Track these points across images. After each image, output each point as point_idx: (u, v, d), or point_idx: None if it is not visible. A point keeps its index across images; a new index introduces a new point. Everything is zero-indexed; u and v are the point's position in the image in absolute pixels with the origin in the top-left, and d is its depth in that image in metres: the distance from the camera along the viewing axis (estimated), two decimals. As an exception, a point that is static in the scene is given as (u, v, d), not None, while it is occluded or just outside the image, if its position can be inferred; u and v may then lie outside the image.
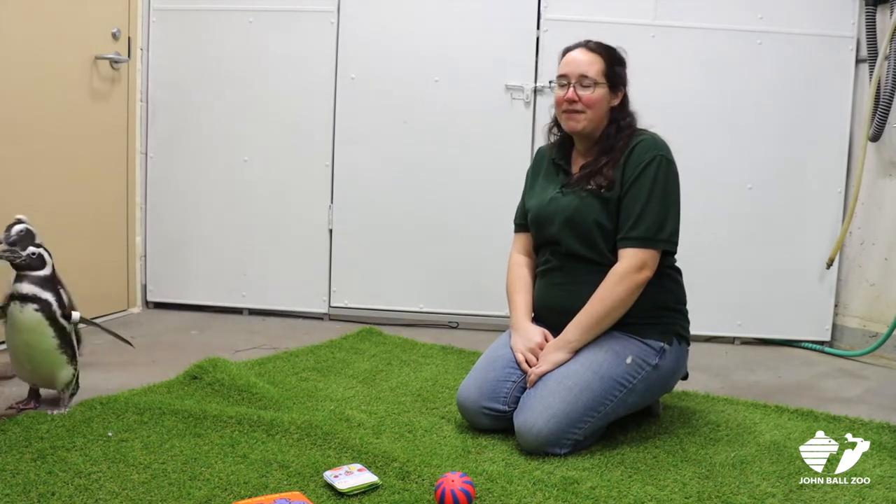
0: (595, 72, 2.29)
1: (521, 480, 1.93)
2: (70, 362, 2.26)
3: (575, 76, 2.30)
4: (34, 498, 1.77)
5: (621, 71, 2.34)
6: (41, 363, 2.23)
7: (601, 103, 2.30)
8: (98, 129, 3.59)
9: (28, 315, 2.16)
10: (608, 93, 2.31)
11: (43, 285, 2.18)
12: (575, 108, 2.31)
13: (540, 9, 3.59)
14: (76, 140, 3.44)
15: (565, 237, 2.30)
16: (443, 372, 2.91)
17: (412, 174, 3.71)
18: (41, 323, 2.17)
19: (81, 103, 3.48)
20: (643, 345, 2.24)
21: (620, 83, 2.34)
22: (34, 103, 3.21)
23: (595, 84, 2.29)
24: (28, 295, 2.16)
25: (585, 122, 2.31)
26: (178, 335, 3.48)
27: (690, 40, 3.55)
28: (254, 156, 3.81)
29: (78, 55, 3.45)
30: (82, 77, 3.47)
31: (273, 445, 2.11)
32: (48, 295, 2.18)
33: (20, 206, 3.14)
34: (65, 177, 3.39)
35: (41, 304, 2.17)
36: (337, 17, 3.70)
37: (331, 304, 3.82)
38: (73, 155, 3.43)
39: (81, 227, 3.52)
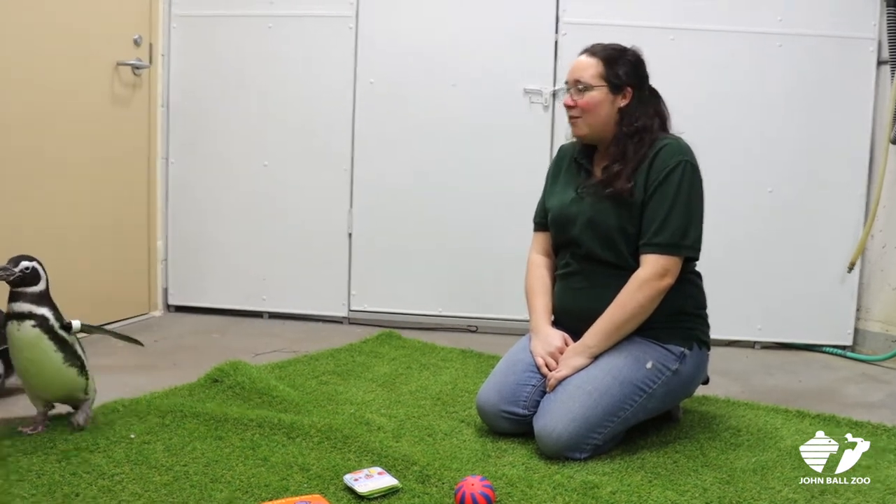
0: (589, 75, 2.28)
1: (541, 485, 1.93)
2: (80, 373, 2.18)
3: (571, 82, 2.32)
4: (59, 498, 1.79)
5: (624, 70, 2.29)
6: (50, 380, 2.15)
7: (598, 107, 2.28)
8: (120, 134, 3.62)
9: (26, 332, 2.08)
10: (608, 94, 2.29)
11: (38, 301, 2.10)
12: (572, 113, 2.32)
13: (558, 12, 3.59)
14: (98, 145, 3.47)
15: (586, 239, 2.30)
16: (462, 376, 2.91)
17: (431, 178, 3.72)
18: (40, 338, 2.09)
19: (103, 109, 3.52)
20: (663, 350, 2.24)
21: (624, 83, 2.30)
22: (58, 108, 3.24)
23: (588, 88, 2.28)
24: (24, 313, 2.08)
25: (586, 128, 2.31)
26: (198, 338, 3.50)
27: (709, 43, 3.53)
28: (273, 160, 3.83)
29: (100, 61, 3.48)
30: (104, 83, 3.51)
31: (293, 448, 2.12)
32: (44, 310, 2.10)
33: (43, 210, 3.18)
34: (87, 181, 3.42)
35: (38, 320, 2.08)
36: (355, 23, 3.71)
37: (350, 307, 3.83)
38: (96, 160, 3.46)
39: (103, 231, 3.55)
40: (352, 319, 3.85)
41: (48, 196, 3.22)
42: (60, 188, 3.28)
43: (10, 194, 3.04)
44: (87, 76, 3.41)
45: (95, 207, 3.48)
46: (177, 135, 3.91)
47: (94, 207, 3.47)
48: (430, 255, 3.75)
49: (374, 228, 3.78)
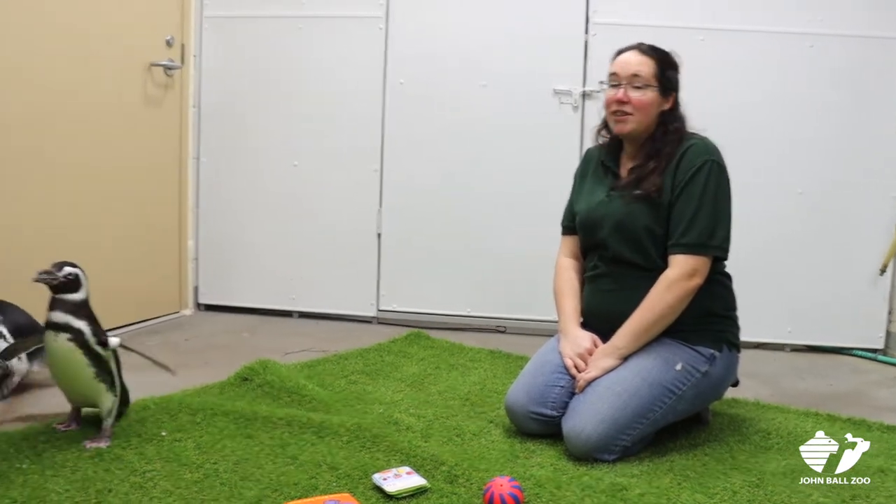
0: (647, 73, 2.27)
1: (570, 486, 1.93)
2: (109, 390, 2.14)
3: (626, 76, 2.28)
4: (92, 494, 1.81)
5: (673, 75, 2.31)
6: (79, 391, 2.15)
7: (651, 106, 2.28)
8: (152, 134, 3.66)
9: (61, 344, 2.07)
10: (659, 96, 2.29)
11: (76, 312, 2.08)
12: (624, 109, 2.29)
13: (588, 13, 3.58)
14: (131, 145, 3.51)
15: (614, 242, 2.30)
16: (491, 376, 2.92)
17: (460, 178, 3.72)
18: (74, 352, 2.07)
19: (136, 109, 3.55)
20: (693, 351, 2.23)
21: (672, 88, 2.31)
22: (92, 108, 3.28)
23: (646, 86, 2.27)
24: (60, 324, 2.06)
25: (634, 125, 2.29)
26: (229, 337, 3.53)
27: (740, 43, 3.51)
28: (303, 160, 3.86)
29: (133, 62, 3.52)
30: (137, 83, 3.55)
31: (322, 447, 2.13)
32: (81, 323, 2.08)
33: (76, 209, 3.22)
34: (120, 181, 3.46)
35: (74, 334, 2.07)
36: (385, 23, 3.73)
37: (379, 307, 3.84)
38: (129, 160, 3.50)
39: (135, 231, 3.58)
40: (381, 319, 3.86)
41: (81, 196, 3.26)
42: (94, 188, 3.32)
43: (45, 194, 3.08)
44: (121, 77, 3.45)
45: (128, 207, 3.52)
46: (208, 135, 3.94)
47: (126, 207, 3.51)
48: (458, 255, 3.75)
49: (404, 228, 3.80)
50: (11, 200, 2.95)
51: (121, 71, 3.45)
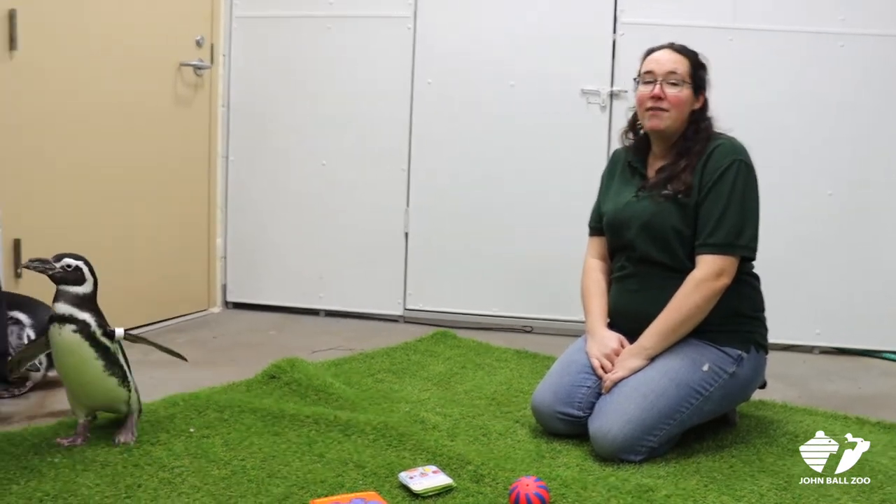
0: (683, 71, 2.28)
1: (596, 486, 1.93)
2: (122, 383, 2.09)
3: (663, 73, 2.28)
4: (122, 489, 1.84)
5: (704, 75, 2.32)
6: (90, 387, 2.08)
7: (685, 104, 2.28)
8: (182, 133, 3.69)
9: (67, 336, 2.00)
10: (692, 95, 2.29)
11: (80, 304, 2.01)
12: (660, 105, 2.28)
13: (616, 13, 3.56)
14: (161, 144, 3.55)
15: (641, 242, 2.29)
16: (517, 376, 2.91)
17: (487, 178, 3.72)
18: (81, 344, 2.01)
19: (167, 109, 3.59)
20: (720, 352, 2.22)
21: (703, 87, 2.32)
22: (123, 108, 3.32)
23: (682, 83, 2.27)
24: (65, 315, 2.00)
25: (669, 122, 2.28)
26: (256, 335, 3.55)
27: (769, 43, 3.48)
28: (331, 160, 3.87)
29: (164, 62, 3.55)
30: (168, 83, 3.58)
31: (349, 445, 2.14)
32: (86, 315, 2.01)
33: (107, 208, 3.26)
34: (150, 180, 3.49)
35: (79, 325, 2.00)
36: (413, 23, 3.73)
37: (406, 306, 3.85)
38: (158, 159, 3.54)
39: (165, 229, 3.62)
40: (407, 318, 3.87)
41: (112, 194, 3.29)
42: (124, 187, 3.35)
43: (76, 192, 3.12)
44: (152, 77, 3.49)
45: (158, 205, 3.55)
46: (237, 134, 3.97)
47: (156, 205, 3.54)
48: (485, 254, 3.75)
49: (431, 228, 3.80)
50: (43, 198, 2.99)
51: (152, 71, 3.48)
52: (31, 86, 2.90)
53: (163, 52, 3.54)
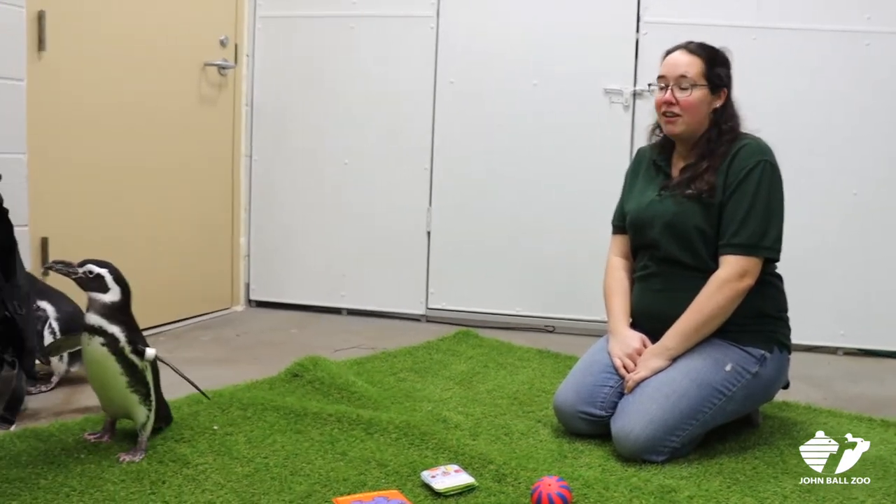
0: (694, 73, 2.25)
1: (618, 487, 1.92)
2: (143, 402, 2.04)
3: (673, 78, 2.27)
4: (147, 485, 1.85)
5: (723, 72, 2.29)
6: (111, 399, 2.07)
7: (699, 106, 2.26)
8: (206, 132, 3.71)
9: (94, 348, 1.99)
10: (708, 95, 2.27)
11: (110, 315, 1.99)
12: (672, 110, 2.28)
13: (639, 12, 3.55)
14: (186, 143, 3.58)
15: (665, 242, 2.28)
16: (539, 376, 2.91)
17: (510, 178, 3.72)
18: (107, 358, 1.99)
19: (191, 108, 3.61)
20: (743, 352, 2.21)
21: (722, 84, 2.28)
22: (148, 107, 3.35)
23: (693, 86, 2.25)
24: (94, 327, 1.98)
25: (683, 126, 2.28)
26: (279, 333, 3.57)
27: (794, 42, 3.45)
28: (354, 159, 3.88)
29: (189, 62, 3.58)
30: (192, 83, 3.61)
31: (371, 444, 2.15)
32: (115, 328, 1.99)
33: (133, 207, 3.28)
34: (175, 179, 3.52)
35: (107, 339, 1.98)
36: (436, 23, 3.74)
37: (428, 305, 3.86)
38: (183, 158, 3.56)
39: (189, 228, 3.64)
40: (429, 317, 3.88)
41: (137, 193, 3.32)
42: (149, 186, 3.38)
43: (102, 191, 3.15)
44: (177, 77, 3.51)
45: (182, 204, 3.58)
46: (260, 133, 3.99)
47: (181, 204, 3.57)
48: (508, 254, 3.75)
49: (453, 227, 3.80)
50: (70, 197, 3.02)
51: (177, 71, 3.51)
52: (59, 86, 2.94)
53: (187, 53, 3.56)
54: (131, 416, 2.06)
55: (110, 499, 1.78)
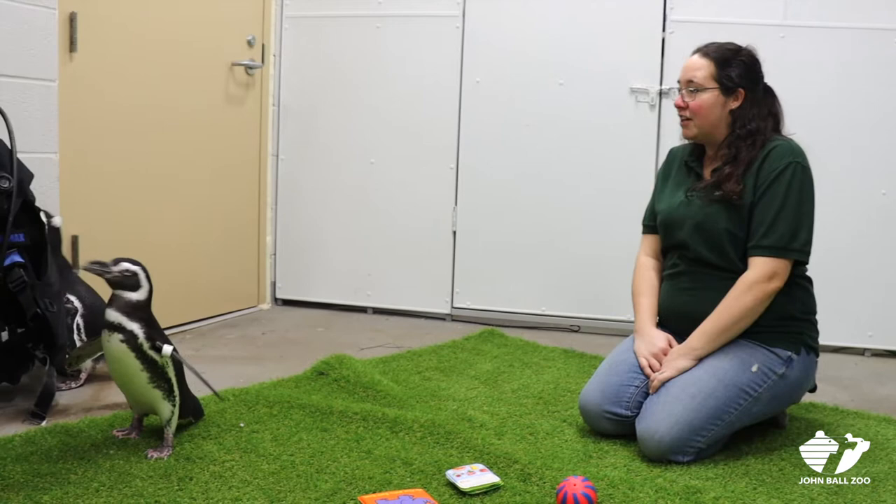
0: (701, 77, 2.25)
1: (643, 487, 1.92)
2: (166, 398, 2.05)
3: (683, 82, 2.30)
4: (174, 481, 1.87)
5: (737, 72, 2.26)
6: (135, 395, 2.08)
7: (709, 109, 2.26)
8: (233, 132, 3.74)
9: (114, 345, 2.00)
10: (720, 96, 2.26)
11: (131, 313, 2.00)
12: (683, 114, 2.30)
13: (665, 10, 3.54)
14: (213, 143, 3.60)
15: (694, 242, 2.27)
16: (564, 375, 2.91)
17: (536, 177, 3.72)
18: (126, 354, 2.00)
19: (218, 107, 3.64)
20: (770, 353, 2.19)
21: (736, 85, 2.26)
22: (177, 107, 3.38)
23: (700, 89, 2.25)
24: (114, 324, 1.99)
25: (696, 129, 2.29)
26: (304, 332, 3.59)
27: (822, 41, 3.42)
28: (380, 158, 3.90)
29: (216, 62, 3.60)
30: (220, 83, 3.63)
31: (397, 442, 2.15)
32: (134, 325, 1.99)
33: (161, 204, 3.31)
34: (202, 178, 3.55)
35: (126, 335, 1.99)
36: (462, 22, 3.74)
37: (453, 304, 3.86)
38: (210, 157, 3.59)
39: (217, 226, 3.67)
40: (455, 316, 3.88)
41: (166, 192, 3.35)
42: (177, 185, 3.41)
43: (131, 190, 3.18)
44: (205, 77, 3.54)
45: (210, 203, 3.61)
46: (287, 133, 4.01)
47: (208, 203, 3.60)
48: (533, 253, 3.75)
49: (479, 226, 3.81)
50: (100, 196, 3.05)
51: (204, 71, 3.54)
52: (89, 86, 2.97)
53: (215, 53, 3.59)
54: (157, 411, 2.08)
55: (138, 494, 1.80)
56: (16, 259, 2.31)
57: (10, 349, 2.38)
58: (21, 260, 2.33)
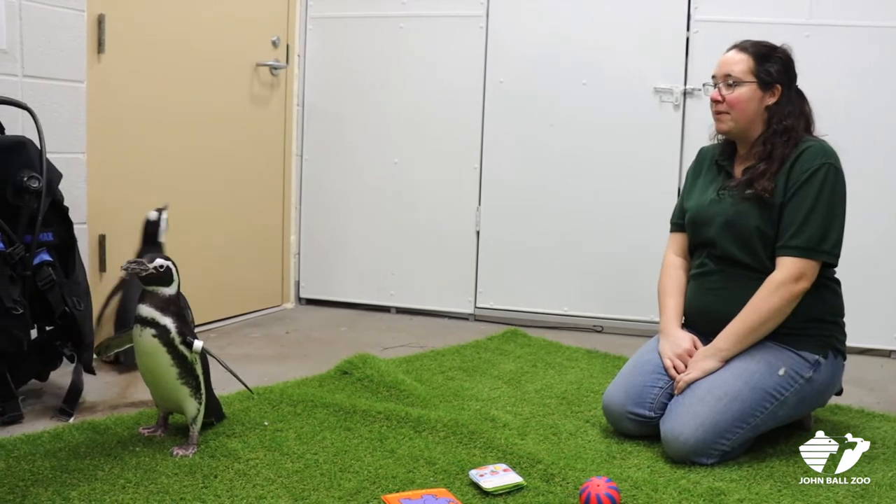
0: (740, 70, 2.24)
1: (667, 489, 1.91)
2: (193, 395, 2.07)
3: (720, 76, 2.28)
4: (199, 479, 1.89)
5: (776, 68, 2.26)
6: (163, 391, 2.09)
7: (746, 103, 2.25)
8: (257, 132, 3.76)
9: (146, 340, 2.01)
10: (757, 91, 2.25)
11: (164, 308, 2.02)
12: (720, 108, 2.28)
13: (690, 10, 3.52)
14: (238, 143, 3.62)
15: (723, 240, 2.26)
16: (587, 376, 2.90)
17: (559, 177, 3.71)
18: (158, 349, 2.01)
19: (243, 108, 3.66)
20: (797, 356, 2.18)
21: (774, 80, 2.26)
22: (202, 108, 3.40)
23: (738, 83, 2.24)
24: (147, 319, 2.01)
25: (731, 124, 2.28)
26: (328, 331, 3.60)
27: (848, 39, 3.38)
28: (403, 158, 3.91)
29: (241, 62, 3.63)
30: (244, 83, 3.65)
31: (420, 442, 2.16)
32: (167, 320, 2.01)
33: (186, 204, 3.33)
34: (228, 177, 3.57)
35: (159, 330, 2.00)
36: (485, 22, 3.75)
37: (476, 304, 3.87)
38: (235, 157, 3.61)
39: (241, 226, 3.69)
40: (478, 316, 3.88)
41: (191, 192, 3.37)
42: (202, 185, 3.43)
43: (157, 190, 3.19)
44: (230, 77, 3.56)
45: (235, 203, 3.63)
46: (311, 133, 4.03)
47: (233, 203, 3.62)
48: (556, 254, 3.74)
49: (502, 226, 3.81)
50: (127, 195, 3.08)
51: (230, 72, 3.56)
52: (116, 87, 2.99)
53: (240, 54, 3.61)
54: (182, 409, 2.09)
55: (164, 491, 1.82)
56: (45, 258, 2.34)
57: (39, 347, 2.41)
58: (50, 259, 2.36)
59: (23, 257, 2.26)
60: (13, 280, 2.24)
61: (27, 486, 1.81)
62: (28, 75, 2.63)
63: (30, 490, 1.79)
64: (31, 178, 2.27)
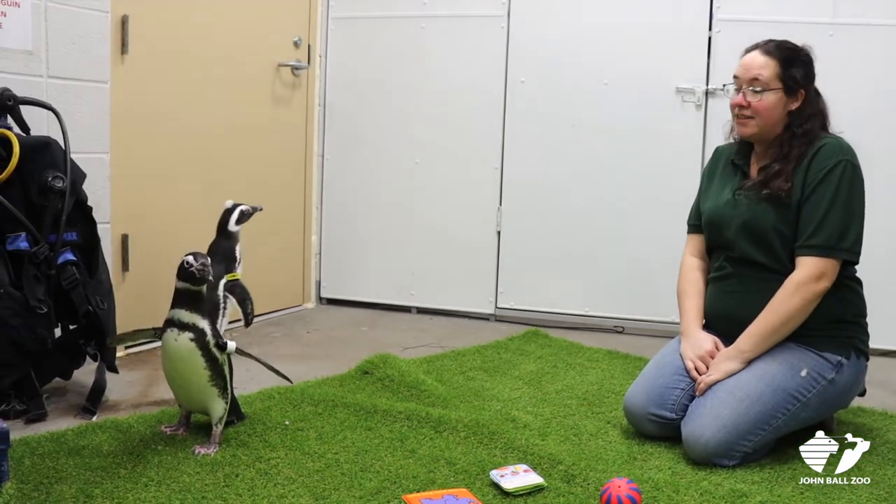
0: (767, 76, 2.21)
1: (688, 490, 1.91)
2: (221, 395, 2.09)
3: (746, 80, 2.24)
4: (220, 478, 1.90)
5: (800, 73, 2.23)
6: (193, 393, 2.10)
7: (772, 109, 2.22)
8: (279, 132, 3.78)
9: (182, 344, 2.03)
10: (783, 97, 2.22)
11: (202, 310, 2.06)
12: (744, 113, 2.25)
13: (712, 9, 3.50)
14: (260, 143, 3.64)
15: (741, 242, 2.25)
16: (608, 376, 2.90)
17: (580, 177, 3.71)
18: (194, 353, 2.03)
19: (265, 108, 3.68)
20: (819, 358, 2.16)
21: (799, 86, 2.24)
22: (224, 108, 3.42)
23: (766, 89, 2.21)
24: (187, 323, 2.03)
25: (756, 129, 2.25)
26: (349, 331, 3.61)
27: (872, 38, 3.35)
28: (424, 158, 3.91)
29: (263, 63, 3.64)
30: (266, 83, 3.67)
31: (441, 442, 2.16)
32: (204, 323, 2.05)
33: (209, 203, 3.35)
34: (249, 177, 3.57)
35: (197, 334, 2.03)
36: (507, 22, 3.74)
37: (497, 304, 3.86)
38: (257, 157, 3.63)
39: (262, 225, 3.69)
40: (498, 317, 3.88)
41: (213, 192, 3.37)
42: (224, 185, 3.43)
43: (179, 190, 3.22)
44: (252, 78, 3.58)
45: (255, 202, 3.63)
46: (332, 133, 4.04)
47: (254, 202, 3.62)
48: (577, 254, 3.74)
49: (523, 227, 3.80)
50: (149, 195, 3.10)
51: (252, 72, 3.58)
52: (140, 87, 3.01)
53: (262, 54, 3.63)
54: (208, 410, 2.10)
55: (186, 490, 1.83)
56: (69, 257, 2.36)
57: (63, 345, 2.43)
58: (74, 258, 2.38)
59: (47, 256, 2.28)
60: (38, 279, 2.26)
61: (51, 483, 1.83)
62: (53, 76, 2.65)
63: (53, 487, 1.81)
64: (55, 178, 2.29)
